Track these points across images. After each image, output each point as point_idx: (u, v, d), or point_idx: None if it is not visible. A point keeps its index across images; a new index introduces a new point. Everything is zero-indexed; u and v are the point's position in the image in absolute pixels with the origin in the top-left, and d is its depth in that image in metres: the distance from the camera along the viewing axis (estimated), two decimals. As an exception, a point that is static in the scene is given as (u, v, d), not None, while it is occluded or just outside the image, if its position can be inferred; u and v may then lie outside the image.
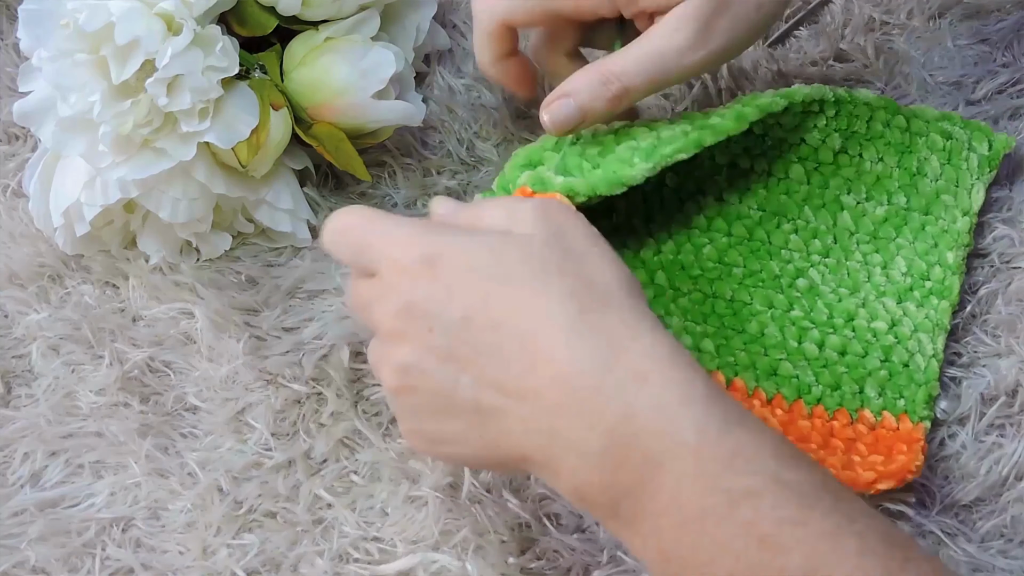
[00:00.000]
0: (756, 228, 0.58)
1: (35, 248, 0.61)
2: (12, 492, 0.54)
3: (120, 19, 0.53)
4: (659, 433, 0.39)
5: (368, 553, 0.52)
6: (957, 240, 0.57)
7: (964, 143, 0.58)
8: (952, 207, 0.57)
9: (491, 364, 0.42)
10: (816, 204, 0.58)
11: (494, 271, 0.43)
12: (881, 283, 0.57)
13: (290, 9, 0.59)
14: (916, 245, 0.57)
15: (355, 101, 0.59)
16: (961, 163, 0.58)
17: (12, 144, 0.66)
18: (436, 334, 0.43)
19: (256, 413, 0.56)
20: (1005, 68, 0.65)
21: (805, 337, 0.55)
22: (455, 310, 0.43)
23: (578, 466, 0.41)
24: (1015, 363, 0.55)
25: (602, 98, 0.51)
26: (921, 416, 0.53)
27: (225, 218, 0.60)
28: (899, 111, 0.58)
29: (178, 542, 0.53)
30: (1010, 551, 0.51)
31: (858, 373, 0.54)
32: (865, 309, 0.56)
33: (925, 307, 0.56)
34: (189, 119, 0.55)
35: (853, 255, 0.57)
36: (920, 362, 0.54)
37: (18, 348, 0.59)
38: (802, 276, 0.57)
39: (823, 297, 0.56)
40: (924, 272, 0.56)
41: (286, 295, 0.60)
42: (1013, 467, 0.53)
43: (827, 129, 0.57)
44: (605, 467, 0.40)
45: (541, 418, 0.41)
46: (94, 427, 0.56)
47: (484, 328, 0.42)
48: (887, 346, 0.55)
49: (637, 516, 0.40)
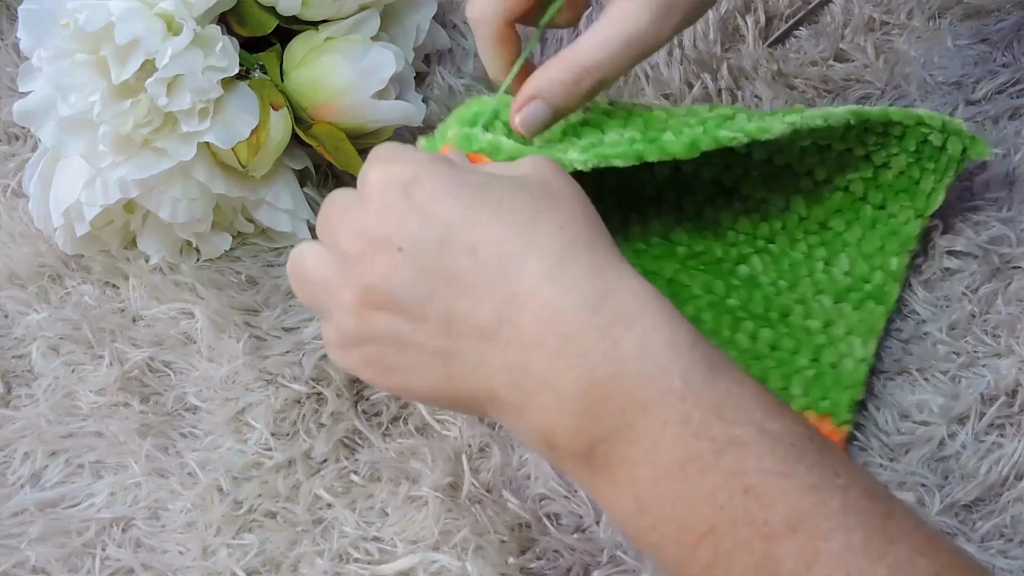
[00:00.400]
0: (706, 205, 0.57)
1: (35, 248, 0.61)
2: (12, 492, 0.54)
3: (120, 19, 0.53)
4: (644, 377, 0.38)
5: (368, 553, 0.52)
6: (904, 245, 0.56)
7: (937, 148, 0.56)
8: (908, 207, 0.57)
9: (466, 291, 0.40)
10: (772, 186, 0.57)
11: (477, 197, 0.41)
12: (822, 279, 0.56)
13: (290, 9, 0.59)
14: (862, 245, 0.57)
15: (355, 101, 0.59)
16: (928, 164, 0.56)
17: (12, 144, 0.66)
18: (406, 254, 0.40)
19: (256, 413, 0.56)
20: (1005, 68, 0.65)
21: (739, 328, 0.55)
22: (430, 230, 0.40)
23: (552, 406, 0.39)
24: (1015, 363, 0.55)
25: (575, 95, 0.49)
26: (843, 420, 0.52)
27: (225, 218, 0.60)
28: (869, 117, 0.55)
29: (178, 542, 0.53)
30: (1010, 551, 0.51)
31: (786, 370, 0.54)
32: (802, 306, 0.56)
33: (861, 310, 0.55)
34: (189, 119, 0.55)
35: (798, 245, 0.57)
36: (849, 365, 0.54)
37: (18, 348, 0.59)
38: (744, 263, 0.57)
39: (762, 289, 0.56)
40: (866, 275, 0.56)
41: (286, 295, 0.60)
42: (1013, 467, 0.53)
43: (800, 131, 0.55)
44: (582, 409, 0.38)
45: (516, 353, 0.39)
46: (94, 427, 0.56)
47: (461, 251, 0.40)
48: (818, 345, 0.54)
49: (612, 464, 0.38)
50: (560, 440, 0.39)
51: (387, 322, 0.41)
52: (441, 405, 0.47)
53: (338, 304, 0.43)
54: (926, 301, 0.57)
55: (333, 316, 0.43)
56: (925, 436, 0.54)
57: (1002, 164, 0.61)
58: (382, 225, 0.41)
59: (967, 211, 0.60)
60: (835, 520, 0.36)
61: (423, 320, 0.41)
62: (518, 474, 0.53)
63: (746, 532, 0.36)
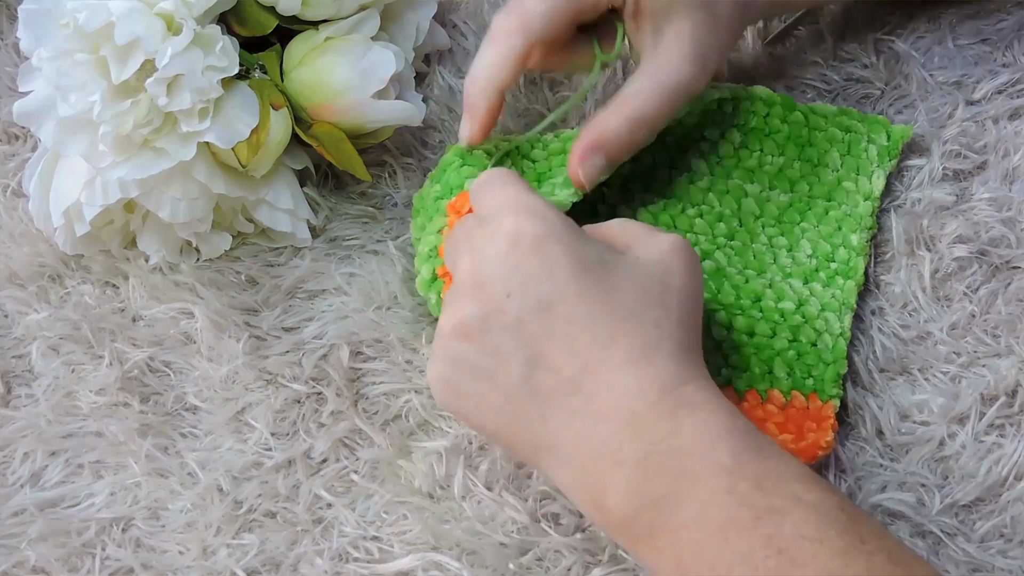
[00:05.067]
0: (661, 214, 0.58)
1: (35, 248, 0.61)
2: (12, 492, 0.54)
3: (120, 19, 0.53)
4: (699, 453, 0.42)
5: (368, 552, 0.52)
6: (860, 223, 0.58)
7: (863, 135, 0.60)
8: (854, 192, 0.59)
9: (557, 350, 0.44)
10: (720, 191, 0.59)
11: (593, 277, 0.45)
12: (787, 264, 0.58)
13: (290, 9, 0.59)
14: (820, 228, 0.58)
15: (355, 101, 0.59)
16: (861, 153, 0.60)
17: (12, 144, 0.66)
18: (512, 302, 0.44)
19: (256, 413, 0.56)
20: (1005, 68, 0.65)
21: (712, 319, 0.55)
22: (541, 291, 0.44)
23: (609, 472, 0.43)
24: (1015, 363, 0.55)
25: (630, 146, 0.54)
26: (830, 395, 0.53)
27: (225, 218, 0.60)
28: (795, 107, 0.60)
29: (178, 542, 0.53)
30: (1009, 551, 0.51)
31: (767, 354, 0.55)
32: (772, 290, 0.57)
33: (831, 287, 0.57)
34: (189, 119, 0.55)
35: (758, 238, 0.58)
36: (828, 341, 0.55)
37: (18, 348, 0.59)
38: (708, 258, 0.57)
39: (730, 279, 0.57)
40: (829, 253, 0.58)
41: (286, 295, 0.60)
42: (1013, 467, 0.53)
43: (725, 124, 0.59)
44: (637, 477, 0.42)
45: (585, 419, 0.43)
46: (94, 427, 0.56)
47: (560, 318, 0.44)
48: (795, 326, 0.55)
49: (656, 529, 0.42)
50: (610, 502, 0.43)
51: (474, 355, 0.45)
52: (495, 440, 0.50)
53: (442, 321, 0.47)
54: (926, 301, 0.58)
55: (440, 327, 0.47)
56: (925, 436, 0.54)
57: (1002, 164, 0.61)
58: (499, 268, 0.45)
59: (967, 211, 0.60)
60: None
61: (506, 364, 0.44)
62: (518, 473, 0.53)
63: None
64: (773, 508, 0.41)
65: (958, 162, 0.62)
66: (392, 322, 0.58)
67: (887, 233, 0.60)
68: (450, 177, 0.55)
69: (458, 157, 0.56)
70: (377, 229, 0.62)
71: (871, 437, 0.54)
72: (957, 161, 0.62)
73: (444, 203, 0.54)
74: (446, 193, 0.55)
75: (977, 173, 0.61)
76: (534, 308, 0.44)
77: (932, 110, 0.64)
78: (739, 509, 0.41)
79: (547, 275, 0.45)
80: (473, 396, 0.46)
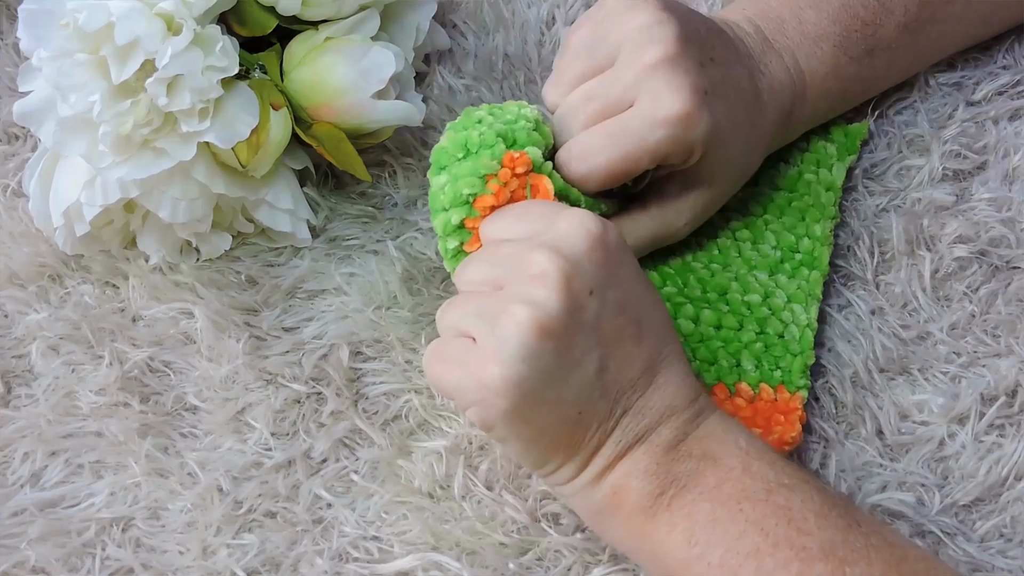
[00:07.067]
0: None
1: (35, 248, 0.61)
2: (12, 492, 0.54)
3: (120, 19, 0.53)
4: (721, 440, 0.47)
5: (368, 552, 0.52)
6: (823, 213, 0.58)
7: (820, 135, 0.61)
8: (815, 183, 0.59)
9: (620, 352, 0.46)
10: None
11: (647, 283, 0.48)
12: (752, 257, 0.58)
13: (290, 9, 0.59)
14: (784, 219, 0.59)
15: (355, 101, 0.59)
16: (820, 149, 0.60)
17: (12, 144, 0.66)
18: (594, 299, 0.45)
19: (256, 413, 0.56)
20: (1005, 69, 0.65)
21: (680, 313, 0.55)
22: (618, 291, 0.46)
23: (641, 457, 0.46)
24: (1015, 363, 0.55)
25: None
26: (798, 386, 0.54)
27: (225, 218, 0.60)
28: None
29: (178, 542, 0.53)
30: (1009, 551, 0.51)
31: (734, 347, 0.55)
32: (738, 283, 0.57)
33: (796, 278, 0.57)
34: (189, 119, 0.55)
35: (723, 232, 0.58)
36: (795, 332, 0.55)
37: (18, 348, 0.59)
38: (672, 255, 0.58)
39: (695, 272, 0.57)
40: (793, 244, 0.58)
41: (286, 295, 0.60)
42: (1013, 467, 0.53)
43: None
44: (667, 459, 0.46)
45: (632, 417, 0.46)
46: (94, 427, 0.56)
47: (631, 321, 0.46)
48: (761, 318, 0.55)
49: (674, 504, 0.46)
50: (635, 482, 0.46)
51: (552, 354, 0.44)
52: (541, 444, 0.47)
53: (508, 315, 0.44)
54: (926, 301, 0.58)
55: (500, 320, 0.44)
56: (925, 436, 0.54)
57: (1002, 164, 0.61)
58: (587, 265, 0.45)
59: (967, 211, 0.60)
60: (859, 553, 0.43)
61: (580, 365, 0.45)
62: (518, 473, 0.53)
63: (786, 554, 0.44)
64: (783, 484, 0.45)
65: (958, 162, 0.62)
66: (392, 322, 0.58)
67: (887, 233, 0.60)
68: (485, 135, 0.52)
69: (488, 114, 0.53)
70: (377, 229, 0.62)
71: (871, 437, 0.54)
72: (957, 161, 0.62)
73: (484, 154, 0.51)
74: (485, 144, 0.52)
75: (977, 173, 0.62)
76: (612, 307, 0.45)
77: (932, 111, 0.64)
78: (753, 482, 0.45)
79: (628, 280, 0.47)
80: (548, 402, 0.45)
